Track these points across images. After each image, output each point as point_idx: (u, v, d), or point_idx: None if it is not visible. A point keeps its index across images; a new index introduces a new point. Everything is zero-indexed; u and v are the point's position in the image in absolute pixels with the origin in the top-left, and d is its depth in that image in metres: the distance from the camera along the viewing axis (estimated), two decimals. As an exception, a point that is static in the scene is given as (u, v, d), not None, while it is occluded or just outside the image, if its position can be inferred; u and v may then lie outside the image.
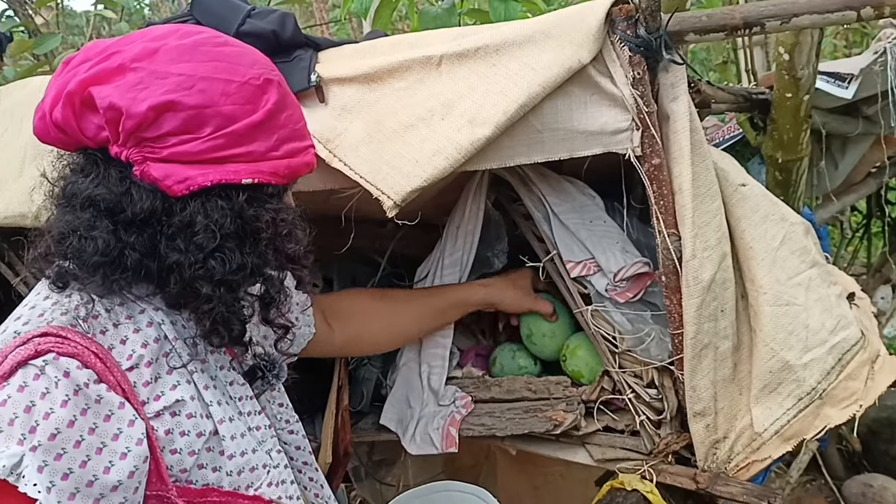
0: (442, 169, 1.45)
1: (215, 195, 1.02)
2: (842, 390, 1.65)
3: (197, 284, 1.03)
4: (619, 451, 1.74)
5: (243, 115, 1.02)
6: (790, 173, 2.34)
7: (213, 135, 1.00)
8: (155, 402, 1.02)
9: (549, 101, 1.49)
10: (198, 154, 0.99)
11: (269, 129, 1.05)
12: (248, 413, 1.17)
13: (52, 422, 0.88)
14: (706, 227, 1.56)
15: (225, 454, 1.08)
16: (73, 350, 0.94)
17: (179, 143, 0.99)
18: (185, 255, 1.01)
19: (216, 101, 1.00)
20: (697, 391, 1.61)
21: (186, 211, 1.01)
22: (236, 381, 1.17)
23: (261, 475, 1.12)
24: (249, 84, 1.03)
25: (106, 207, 1.00)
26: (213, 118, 0.99)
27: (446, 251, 1.90)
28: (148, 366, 1.03)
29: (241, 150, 1.02)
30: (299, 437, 1.33)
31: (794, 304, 1.64)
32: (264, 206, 1.07)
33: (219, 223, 1.01)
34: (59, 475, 0.87)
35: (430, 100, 1.51)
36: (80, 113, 0.99)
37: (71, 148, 1.05)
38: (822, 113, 2.62)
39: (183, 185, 0.99)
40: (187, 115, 0.98)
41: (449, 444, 1.81)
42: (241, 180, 1.02)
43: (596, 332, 1.74)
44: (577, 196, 1.81)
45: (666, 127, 1.55)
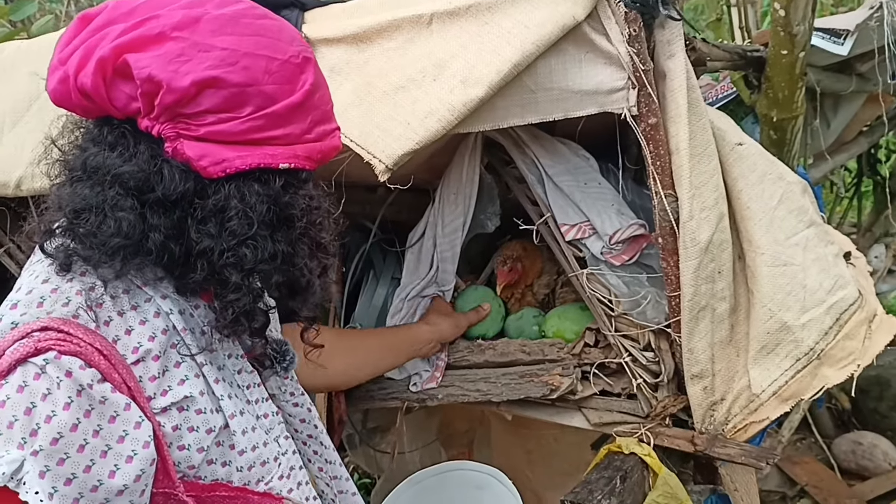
0: (434, 131, 1.41)
1: (252, 179, 0.96)
2: (839, 350, 1.64)
3: (226, 272, 0.96)
4: (615, 414, 1.73)
5: (283, 96, 0.96)
6: (785, 132, 2.31)
7: (253, 115, 0.94)
8: (162, 397, 0.96)
9: (542, 60, 1.45)
10: (236, 135, 0.94)
11: (306, 111, 1.00)
12: (255, 401, 1.12)
13: (54, 425, 0.83)
14: (703, 187, 1.54)
15: (235, 449, 1.03)
16: (76, 348, 0.87)
17: (218, 121, 0.93)
18: (217, 241, 0.95)
19: (259, 80, 0.94)
20: (695, 353, 1.59)
21: (221, 194, 0.95)
22: (244, 369, 1.12)
23: (272, 468, 1.08)
24: (290, 62, 0.98)
25: (134, 185, 0.93)
26: (254, 97, 0.94)
27: (445, 217, 1.87)
28: (155, 360, 0.97)
29: (280, 133, 0.97)
30: (304, 410, 1.28)
31: (792, 265, 1.63)
32: (298, 192, 1.02)
33: (255, 209, 0.96)
34: (61, 480, 0.83)
35: (420, 60, 1.46)
36: (112, 81, 0.92)
37: (91, 115, 0.98)
38: (816, 70, 2.59)
39: (219, 166, 0.94)
40: (230, 92, 0.92)
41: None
42: (278, 164, 0.97)
43: (591, 296, 1.72)
44: (571, 158, 1.78)
45: (662, 85, 1.51)
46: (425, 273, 1.96)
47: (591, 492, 1.49)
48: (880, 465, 3.86)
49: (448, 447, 2.74)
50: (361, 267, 2.11)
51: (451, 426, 2.74)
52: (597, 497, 1.47)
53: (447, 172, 1.90)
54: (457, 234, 1.89)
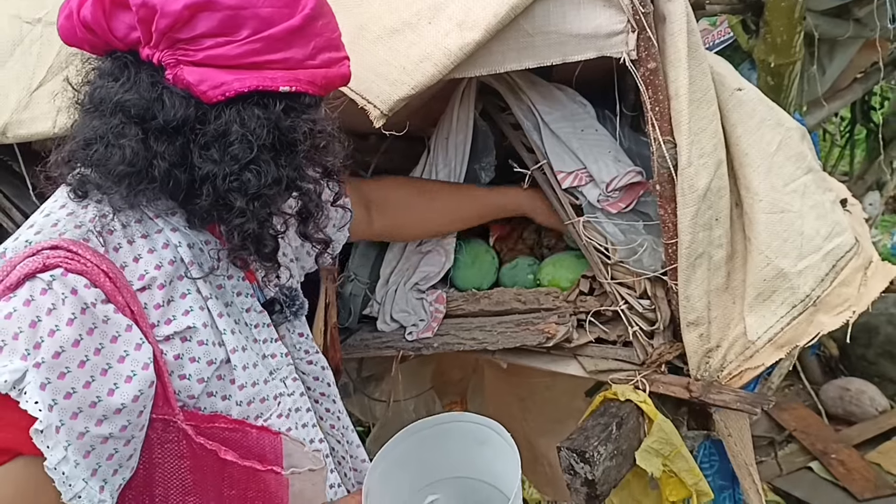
0: (430, 76, 1.38)
1: (252, 103, 0.97)
2: (835, 297, 1.65)
3: (230, 197, 0.98)
4: (611, 362, 1.73)
5: (281, 19, 0.96)
6: (782, 78, 2.29)
7: (250, 38, 0.94)
8: (166, 325, 0.99)
9: (540, 3, 1.41)
10: (234, 58, 0.94)
11: (307, 36, 1.00)
12: (263, 340, 1.14)
13: (57, 339, 0.85)
14: (702, 133, 1.52)
15: (235, 383, 1.05)
16: (83, 267, 0.90)
17: (215, 45, 0.94)
18: (220, 166, 0.97)
19: (254, 3, 0.94)
20: (691, 301, 1.59)
21: (222, 119, 0.96)
22: (253, 308, 1.13)
23: (271, 406, 1.10)
24: None
25: (136, 113, 0.95)
26: (250, 20, 0.94)
27: (438, 164, 1.85)
28: (161, 288, 0.99)
29: (279, 56, 0.97)
30: (318, 368, 1.30)
31: (790, 212, 1.62)
32: (301, 116, 1.02)
33: (255, 133, 0.97)
34: (61, 394, 0.85)
35: (415, 2, 1.43)
36: (111, 11, 0.94)
37: (99, 51, 1.00)
38: (814, 15, 2.56)
39: (218, 90, 0.95)
40: (224, 15, 0.93)
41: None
42: (278, 87, 0.97)
43: (588, 244, 1.71)
44: (567, 104, 1.76)
45: (662, 29, 1.48)
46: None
47: (588, 438, 1.50)
48: (867, 411, 3.92)
49: (442, 395, 2.75)
50: (355, 216, 2.08)
51: (444, 375, 2.75)
52: (593, 443, 1.48)
53: (441, 119, 1.87)
54: (450, 180, 1.87)
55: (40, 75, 1.60)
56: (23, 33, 1.64)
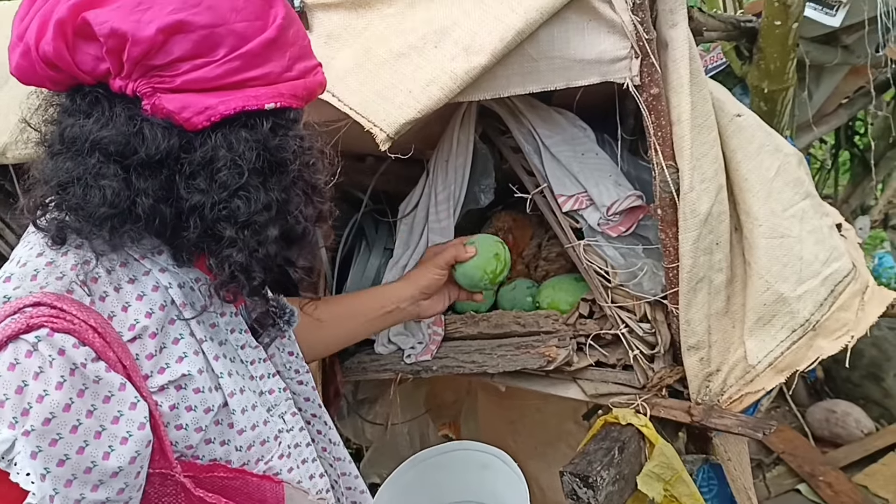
0: (437, 99, 1.38)
1: (239, 125, 0.92)
2: (834, 321, 1.65)
3: (219, 227, 0.93)
4: (611, 385, 1.73)
5: (255, 33, 0.92)
6: (775, 103, 2.32)
7: (227, 57, 0.90)
8: (159, 375, 0.93)
9: (545, 28, 1.42)
10: (214, 80, 0.89)
11: (282, 47, 0.95)
12: (260, 377, 1.09)
13: (46, 405, 0.80)
14: (704, 158, 1.53)
15: (234, 428, 1.00)
16: (69, 325, 0.84)
17: (192, 68, 0.88)
18: (207, 195, 0.91)
19: (227, 19, 0.89)
20: (692, 325, 1.59)
21: (208, 145, 0.91)
22: (248, 345, 1.08)
23: (272, 447, 1.05)
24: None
25: (115, 150, 0.89)
26: (226, 38, 0.89)
27: (438, 186, 1.85)
28: (152, 337, 0.93)
29: (259, 73, 0.93)
30: (308, 389, 1.25)
31: (789, 236, 1.63)
32: (288, 133, 0.97)
33: (244, 156, 0.92)
34: (54, 461, 0.80)
35: (422, 26, 1.43)
36: (74, 44, 0.88)
37: (62, 87, 0.93)
38: (805, 42, 2.60)
39: (203, 115, 0.90)
40: (199, 35, 0.88)
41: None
42: (263, 105, 0.93)
43: (588, 267, 1.71)
44: (568, 128, 1.77)
45: (664, 55, 1.50)
46: (415, 244, 1.94)
47: (591, 463, 1.49)
48: (853, 433, 3.93)
49: (436, 419, 2.74)
50: (353, 237, 2.08)
51: (438, 397, 2.74)
52: (596, 468, 1.48)
53: (441, 142, 1.88)
54: (448, 203, 1.87)
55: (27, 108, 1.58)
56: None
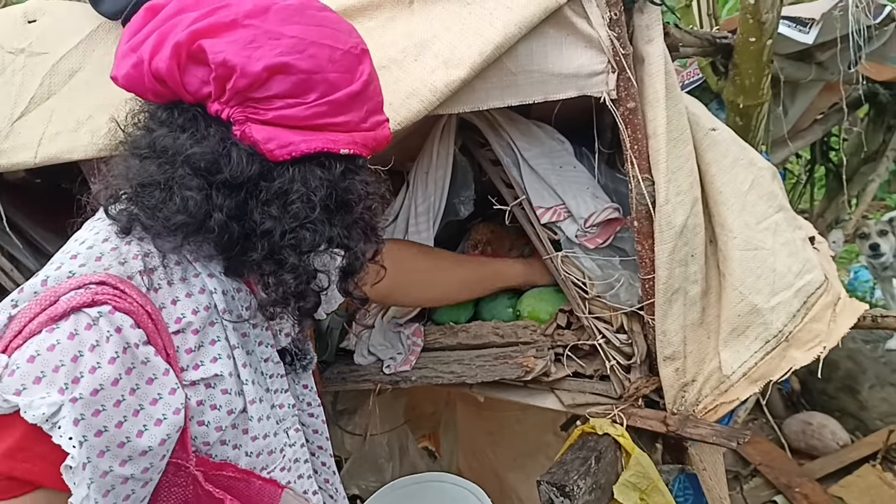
0: (416, 111, 1.40)
1: (315, 163, 1.00)
2: (807, 332, 1.68)
3: (285, 253, 1.00)
4: (588, 395, 1.75)
5: (344, 84, 1.00)
6: (750, 118, 2.35)
7: (317, 101, 0.98)
8: (194, 370, 0.99)
9: (523, 43, 1.45)
10: (302, 119, 0.97)
11: (363, 100, 1.03)
12: (274, 390, 1.14)
13: (97, 376, 0.85)
14: (679, 171, 1.56)
15: (248, 434, 1.06)
16: (129, 307, 0.91)
17: (285, 106, 0.97)
18: (279, 223, 0.99)
19: (324, 68, 0.98)
20: (668, 335, 1.62)
21: (285, 177, 0.98)
22: (272, 359, 1.14)
23: (276, 459, 1.11)
24: (350, 53, 1.02)
25: (203, 167, 0.96)
26: (319, 84, 0.98)
27: (418, 198, 1.86)
28: (195, 333, 1.00)
29: (340, 120, 1.01)
30: (318, 422, 1.31)
31: (763, 249, 1.66)
32: (356, 177, 1.05)
33: (316, 192, 0.99)
34: (93, 431, 0.85)
35: (402, 40, 1.45)
36: (186, 65, 0.96)
37: (163, 100, 1.00)
38: (779, 58, 2.64)
39: (286, 150, 0.97)
40: (298, 78, 0.96)
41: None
42: (339, 150, 1.00)
43: (566, 279, 1.73)
44: (546, 141, 1.79)
45: (640, 70, 1.52)
46: (396, 255, 1.95)
47: (567, 472, 1.51)
48: (829, 445, 3.96)
49: (415, 429, 2.74)
50: (332, 248, 2.09)
51: (417, 408, 2.74)
52: (573, 477, 1.49)
53: (421, 154, 1.89)
54: (427, 215, 1.89)
55: (22, 105, 1.59)
56: (5, 63, 1.63)
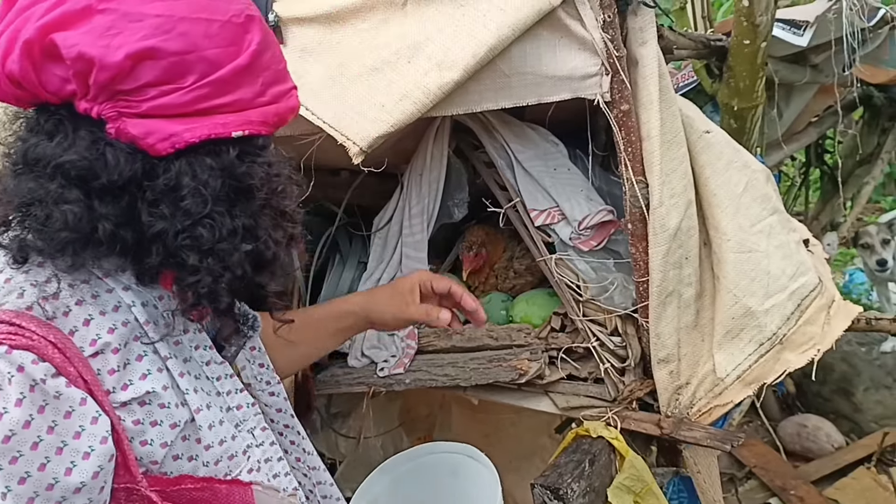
0: (409, 114, 1.39)
1: (204, 153, 0.90)
2: (801, 335, 1.68)
3: (182, 254, 0.91)
4: (582, 398, 1.74)
5: (228, 59, 0.90)
6: (745, 121, 2.35)
7: (197, 84, 0.88)
8: (122, 391, 0.91)
9: (517, 45, 1.44)
10: (182, 106, 0.88)
11: (254, 73, 0.93)
12: (227, 392, 1.07)
13: (5, 423, 0.79)
14: (673, 174, 1.56)
15: (202, 443, 0.99)
16: (28, 342, 0.83)
17: (160, 94, 0.87)
18: (171, 223, 0.89)
19: (199, 45, 0.88)
20: (662, 338, 1.61)
21: (171, 172, 0.89)
22: (213, 361, 1.06)
23: (240, 462, 1.03)
24: (231, 23, 0.91)
25: (77, 175, 0.87)
26: (196, 65, 0.88)
27: (412, 200, 1.86)
28: (115, 352, 0.91)
29: (229, 99, 0.91)
30: (280, 400, 1.24)
31: (757, 251, 1.66)
32: (256, 160, 0.95)
33: (209, 184, 0.90)
34: (15, 479, 0.79)
35: (395, 42, 1.45)
36: (41, 64, 0.86)
37: (25, 104, 0.91)
38: (774, 61, 2.64)
39: (167, 142, 0.88)
40: (169, 62, 0.86)
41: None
42: (230, 133, 0.91)
43: (560, 281, 1.73)
44: (540, 143, 1.79)
45: (634, 72, 1.52)
46: (389, 257, 1.95)
47: (561, 475, 1.50)
48: (824, 447, 3.97)
49: (410, 432, 2.73)
50: (327, 250, 2.08)
51: (412, 411, 2.74)
52: (567, 480, 1.48)
53: (415, 156, 1.89)
54: (421, 217, 1.89)
55: None
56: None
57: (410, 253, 1.92)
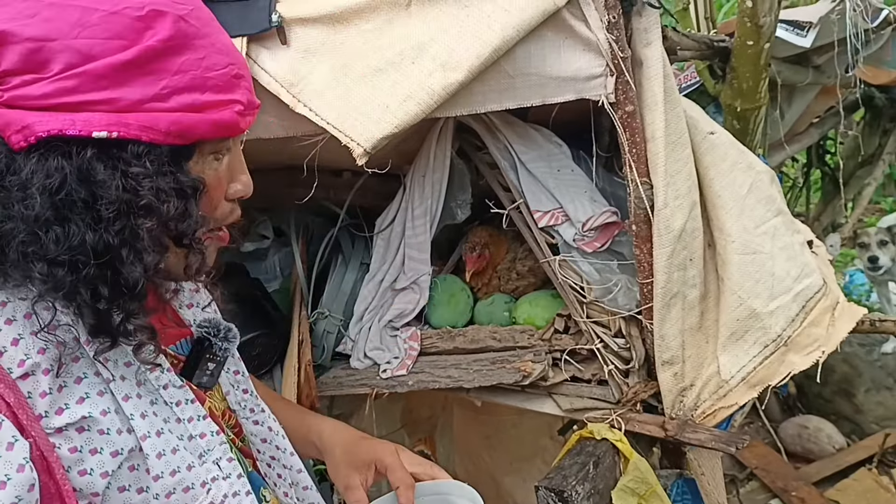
0: (413, 114, 1.39)
1: (58, 151, 0.81)
2: (805, 337, 1.67)
3: (29, 263, 0.82)
4: (586, 400, 1.74)
5: (106, 53, 0.82)
6: (748, 122, 2.35)
7: (61, 74, 0.80)
8: (57, 416, 0.85)
9: (521, 46, 1.44)
10: (42, 97, 0.80)
11: (152, 73, 0.84)
12: (188, 419, 0.99)
13: None
14: (677, 175, 1.55)
15: (151, 473, 0.91)
16: None
17: (22, 84, 0.80)
18: (17, 224, 0.81)
19: (65, 33, 0.81)
20: (666, 340, 1.61)
21: (26, 169, 0.80)
22: (172, 384, 0.98)
23: (198, 495, 0.95)
24: (122, 15, 0.83)
25: None
26: (60, 54, 0.80)
27: (415, 201, 1.85)
28: (46, 373, 0.84)
29: (102, 96, 0.82)
30: (264, 429, 1.18)
31: (761, 253, 1.65)
32: (125, 168, 0.84)
33: (57, 186, 0.80)
34: None
35: (399, 42, 1.44)
36: None
37: None
38: (776, 62, 2.64)
39: (20, 134, 0.80)
40: (25, 48, 0.79)
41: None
42: (90, 133, 0.81)
43: (563, 283, 1.72)
44: (544, 144, 1.78)
45: (639, 73, 1.52)
46: (392, 258, 1.94)
47: (566, 477, 1.50)
48: (825, 449, 3.96)
49: (412, 434, 2.73)
50: (329, 252, 2.08)
51: (413, 412, 2.73)
52: (571, 483, 1.48)
53: (418, 157, 1.88)
54: (424, 218, 1.88)
55: None
56: None
57: (413, 254, 1.91)
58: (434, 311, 1.94)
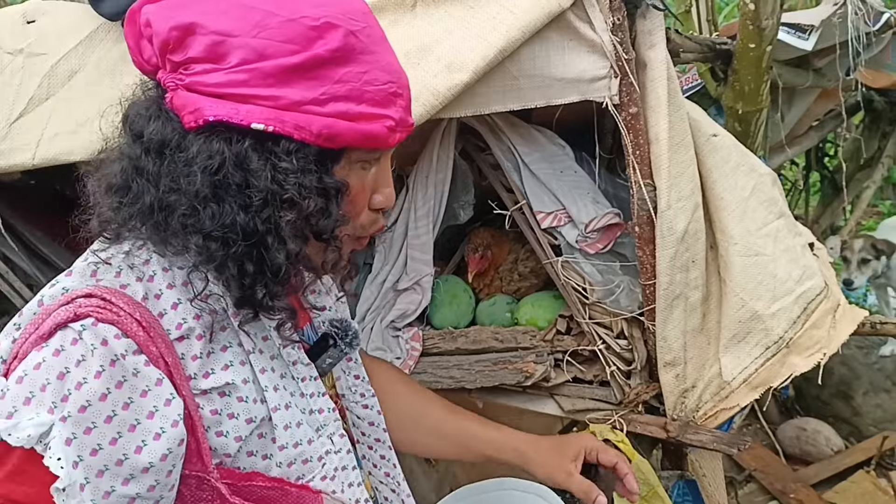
0: (418, 116, 1.39)
1: (221, 136, 0.89)
2: (807, 339, 1.68)
3: (188, 235, 0.91)
4: (588, 401, 1.74)
5: (278, 54, 0.88)
6: (749, 124, 2.35)
7: (236, 67, 0.88)
8: (204, 379, 0.93)
9: (526, 47, 1.45)
10: (218, 86, 0.88)
11: (315, 79, 0.90)
12: (310, 395, 1.05)
13: (83, 392, 0.81)
14: (680, 177, 1.55)
15: (277, 443, 0.98)
16: (114, 317, 0.85)
17: (203, 71, 0.89)
18: (180, 197, 0.90)
19: (246, 31, 0.88)
20: (668, 341, 1.61)
21: (193, 148, 0.89)
22: (300, 361, 1.05)
23: (314, 468, 1.02)
24: (299, 23, 0.89)
25: (136, 131, 0.93)
26: (238, 49, 0.88)
27: (418, 202, 1.86)
28: (199, 339, 0.93)
29: (266, 93, 0.89)
30: (373, 413, 1.25)
31: (763, 255, 1.66)
32: (275, 161, 0.90)
33: (217, 168, 0.89)
34: (87, 450, 0.81)
35: (404, 43, 1.44)
36: (139, 35, 0.93)
37: (150, 75, 0.96)
38: (777, 64, 2.64)
39: (192, 116, 0.89)
40: (210, 40, 0.88)
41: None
42: (250, 123, 0.88)
43: (566, 284, 1.72)
44: (547, 146, 1.79)
45: (643, 75, 1.52)
46: (394, 259, 1.95)
47: (568, 478, 1.50)
48: (823, 451, 3.97)
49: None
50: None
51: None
52: (573, 483, 1.48)
53: (421, 158, 1.89)
54: (427, 219, 1.88)
55: (20, 106, 1.57)
56: (3, 64, 1.61)
57: (416, 255, 1.91)
58: (436, 311, 1.94)
